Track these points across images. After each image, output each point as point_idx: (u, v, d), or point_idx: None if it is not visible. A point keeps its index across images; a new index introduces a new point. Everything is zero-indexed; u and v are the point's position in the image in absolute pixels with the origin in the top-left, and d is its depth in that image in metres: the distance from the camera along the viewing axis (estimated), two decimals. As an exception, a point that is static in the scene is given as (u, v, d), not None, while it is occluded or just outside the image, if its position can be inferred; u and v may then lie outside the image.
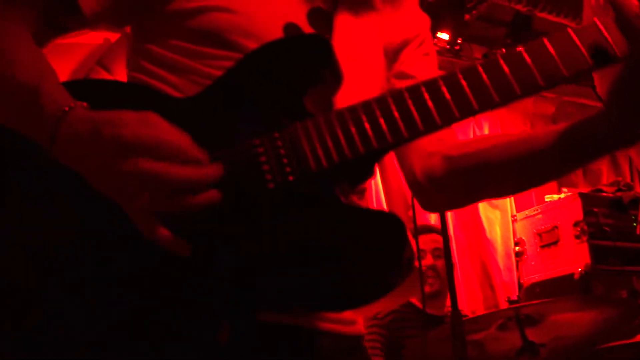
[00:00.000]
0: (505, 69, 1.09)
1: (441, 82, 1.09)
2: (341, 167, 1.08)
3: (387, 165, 5.15)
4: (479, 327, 3.05)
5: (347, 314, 1.26)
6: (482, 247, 5.58)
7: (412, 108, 1.09)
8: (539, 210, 5.23)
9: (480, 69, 1.10)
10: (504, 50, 5.43)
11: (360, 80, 1.28)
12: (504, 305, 4.53)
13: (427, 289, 3.76)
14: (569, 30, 1.10)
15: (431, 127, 1.09)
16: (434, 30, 5.23)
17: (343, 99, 1.17)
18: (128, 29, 1.34)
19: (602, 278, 4.70)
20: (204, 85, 1.17)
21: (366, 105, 1.09)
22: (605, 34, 1.08)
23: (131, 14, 1.27)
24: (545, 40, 1.10)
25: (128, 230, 1.02)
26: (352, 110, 1.09)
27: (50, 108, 1.04)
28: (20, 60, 1.10)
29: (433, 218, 5.02)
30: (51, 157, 1.04)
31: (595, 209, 4.89)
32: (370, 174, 1.17)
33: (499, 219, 5.58)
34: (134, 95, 1.18)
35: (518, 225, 5.43)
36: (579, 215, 4.87)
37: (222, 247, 1.06)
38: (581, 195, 4.97)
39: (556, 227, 5.04)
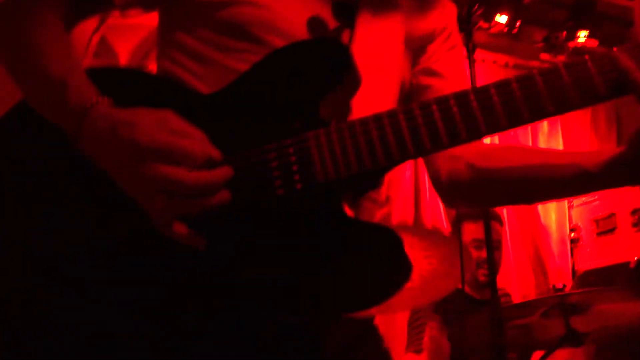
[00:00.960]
0: (541, 84, 1.09)
1: (452, 101, 1.10)
2: (349, 179, 1.11)
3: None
4: (523, 314, 3.04)
5: None
6: (536, 233, 5.52)
7: (422, 125, 1.10)
8: (597, 197, 5.12)
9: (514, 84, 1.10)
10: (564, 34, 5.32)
11: (378, 82, 1.30)
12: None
13: (481, 279, 3.73)
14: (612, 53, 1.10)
15: (438, 146, 1.11)
16: (492, 12, 5.16)
17: (360, 101, 1.20)
18: None
19: (659, 268, 4.60)
20: (226, 77, 1.20)
21: (378, 119, 1.11)
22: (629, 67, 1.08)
23: (160, 0, 1.31)
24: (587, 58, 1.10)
25: (145, 224, 1.07)
26: (364, 123, 1.11)
27: (75, 103, 1.09)
28: (51, 53, 1.14)
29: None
30: (77, 148, 1.10)
31: (655, 197, 4.78)
32: (377, 185, 1.21)
33: (554, 205, 5.49)
34: (159, 89, 1.21)
35: (574, 212, 5.34)
36: (638, 203, 4.77)
37: (232, 248, 1.10)
38: (640, 182, 4.85)
39: (613, 214, 4.94)
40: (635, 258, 4.58)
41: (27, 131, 1.21)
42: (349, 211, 1.15)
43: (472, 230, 3.72)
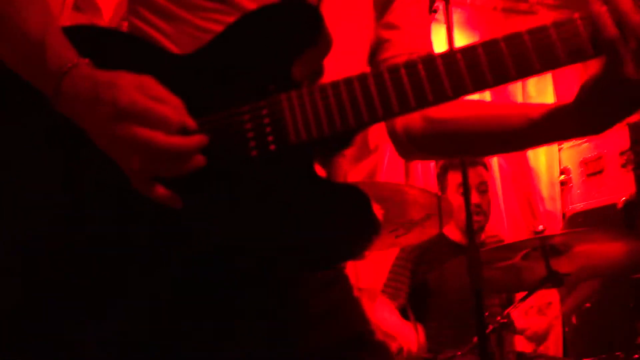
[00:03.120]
0: (505, 50, 1.10)
1: (420, 65, 1.12)
2: (321, 139, 1.14)
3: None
4: (504, 256, 3.10)
5: None
6: (525, 176, 5.55)
7: (390, 89, 1.12)
8: (585, 139, 5.14)
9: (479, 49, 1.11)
10: None
11: (349, 41, 1.32)
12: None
13: (474, 226, 3.77)
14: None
15: (406, 109, 1.13)
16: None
17: (333, 61, 1.21)
18: None
19: (647, 208, 4.64)
20: (194, 37, 1.23)
21: (348, 82, 1.13)
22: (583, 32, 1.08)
23: None
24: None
25: (123, 182, 1.11)
26: (335, 86, 1.14)
27: (54, 63, 1.10)
28: (27, 14, 1.14)
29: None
30: (55, 108, 1.11)
31: (643, 138, 4.79)
32: (347, 146, 1.23)
33: (544, 148, 5.50)
34: (135, 50, 1.23)
35: (564, 154, 5.35)
36: (626, 145, 4.78)
37: (206, 207, 1.14)
38: (629, 124, 4.84)
39: (602, 156, 4.97)
40: (623, 199, 4.62)
41: (5, 93, 1.23)
42: (320, 170, 1.18)
43: (456, 178, 3.76)
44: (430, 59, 1.12)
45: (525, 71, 1.10)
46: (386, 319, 3.50)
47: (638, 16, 1.04)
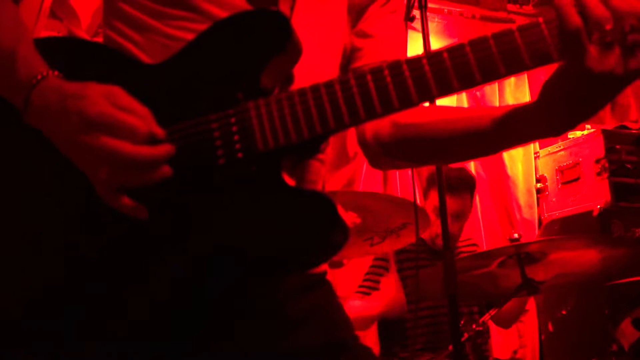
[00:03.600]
0: (471, 56, 1.11)
1: (386, 71, 1.12)
2: (288, 147, 1.14)
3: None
4: (481, 264, 3.12)
5: None
6: (502, 184, 5.58)
7: (357, 95, 1.13)
8: (562, 147, 5.19)
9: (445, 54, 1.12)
10: None
11: (320, 50, 1.33)
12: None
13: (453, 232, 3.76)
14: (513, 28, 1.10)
15: (372, 115, 1.13)
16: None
17: (303, 69, 1.22)
18: None
19: (622, 216, 4.69)
20: (165, 45, 1.23)
21: (314, 89, 1.14)
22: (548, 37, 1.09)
23: None
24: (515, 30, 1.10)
25: (91, 195, 1.11)
26: (302, 93, 1.14)
27: (24, 74, 1.11)
28: (0, 22, 1.15)
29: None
30: (25, 120, 1.12)
31: (618, 146, 4.83)
32: (315, 152, 1.23)
33: (521, 155, 5.54)
34: (106, 61, 1.24)
35: (540, 162, 5.41)
36: (601, 152, 4.83)
37: (175, 216, 1.14)
38: (604, 132, 4.90)
39: (578, 163, 5.01)
40: (598, 206, 4.67)
41: None
42: (288, 178, 1.18)
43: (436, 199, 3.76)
44: (397, 64, 1.13)
45: (490, 75, 1.10)
46: (352, 308, 3.48)
47: (601, 9, 1.05)
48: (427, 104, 1.33)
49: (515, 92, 5.69)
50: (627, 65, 1.05)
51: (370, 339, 3.73)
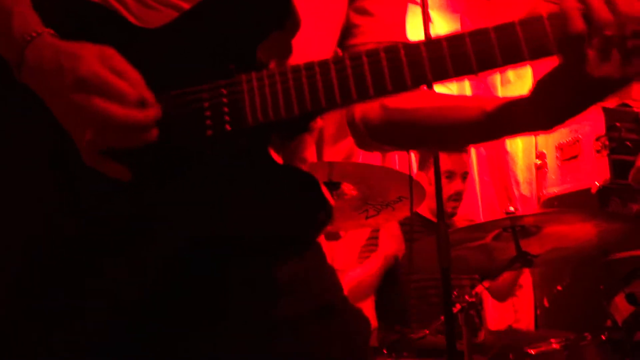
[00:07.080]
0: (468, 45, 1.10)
1: (382, 54, 1.12)
2: (277, 122, 1.14)
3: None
4: (476, 236, 3.13)
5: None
6: (501, 160, 5.58)
7: (351, 77, 1.12)
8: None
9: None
10: None
11: (319, 24, 1.32)
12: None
13: (448, 210, 3.77)
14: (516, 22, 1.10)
15: (365, 97, 1.13)
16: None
17: (301, 43, 1.20)
18: None
19: (621, 193, 4.69)
20: (153, 8, 1.23)
21: (308, 67, 1.13)
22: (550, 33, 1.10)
23: None
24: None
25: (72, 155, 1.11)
26: (295, 70, 1.14)
27: (19, 32, 1.11)
28: None
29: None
30: (19, 79, 1.13)
31: (618, 124, 4.81)
32: (304, 130, 1.23)
33: (521, 132, 5.53)
34: (102, 22, 1.23)
35: (540, 139, 5.39)
36: (602, 130, 4.82)
37: (156, 183, 1.14)
38: (605, 109, 4.88)
39: (578, 140, 5.01)
40: (597, 183, 4.67)
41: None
42: (275, 155, 1.18)
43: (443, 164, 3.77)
44: (393, 48, 1.12)
45: (487, 66, 1.10)
46: (352, 277, 3.50)
47: (606, 13, 1.06)
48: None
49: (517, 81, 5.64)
50: (625, 70, 1.07)
51: (367, 313, 3.75)
